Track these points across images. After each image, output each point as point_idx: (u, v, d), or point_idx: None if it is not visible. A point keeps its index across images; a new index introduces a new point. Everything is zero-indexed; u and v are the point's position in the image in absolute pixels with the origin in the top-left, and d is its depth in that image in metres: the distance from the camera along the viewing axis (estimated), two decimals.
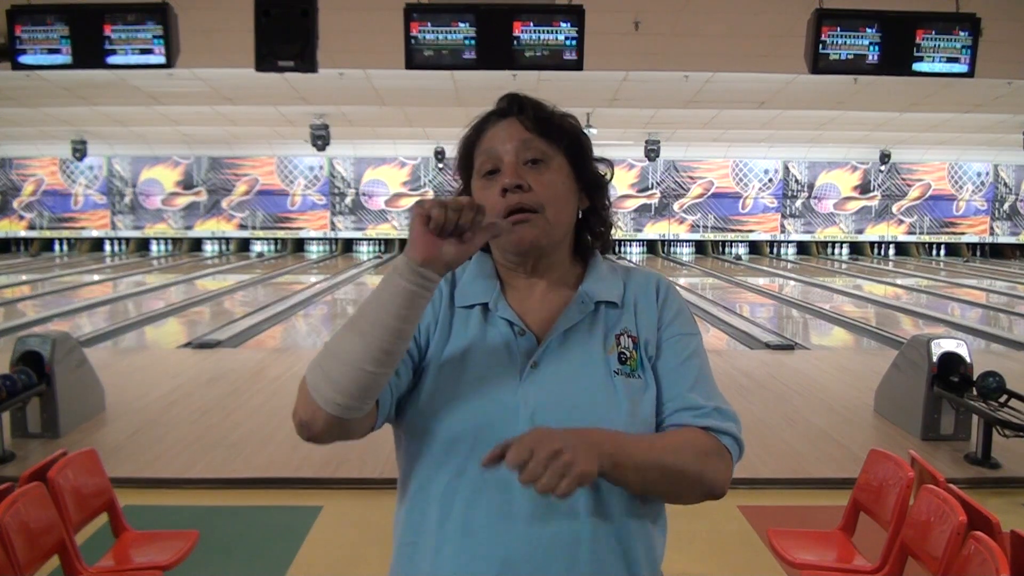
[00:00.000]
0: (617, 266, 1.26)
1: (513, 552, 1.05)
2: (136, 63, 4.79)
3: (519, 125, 1.17)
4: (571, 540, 1.06)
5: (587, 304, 1.17)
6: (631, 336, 1.16)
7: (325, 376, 1.02)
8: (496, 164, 1.16)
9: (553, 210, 1.15)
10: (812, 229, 20.36)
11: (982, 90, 9.52)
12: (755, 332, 8.57)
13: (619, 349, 1.14)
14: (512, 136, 1.16)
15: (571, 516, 1.07)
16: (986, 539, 1.88)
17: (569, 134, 1.20)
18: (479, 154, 1.19)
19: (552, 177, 1.16)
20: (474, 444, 1.07)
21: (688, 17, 6.17)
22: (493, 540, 1.06)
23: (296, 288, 13.10)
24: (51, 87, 9.97)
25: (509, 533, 1.06)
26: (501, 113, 1.20)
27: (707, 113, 12.44)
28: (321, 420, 1.03)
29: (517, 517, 1.06)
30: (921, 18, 4.91)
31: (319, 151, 13.92)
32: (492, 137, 1.18)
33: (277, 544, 3.37)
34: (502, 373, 1.11)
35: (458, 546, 1.08)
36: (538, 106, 1.19)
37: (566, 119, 1.21)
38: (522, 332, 1.15)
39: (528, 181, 1.13)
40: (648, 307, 1.19)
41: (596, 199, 1.25)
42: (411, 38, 4.80)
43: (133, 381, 5.92)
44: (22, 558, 2.07)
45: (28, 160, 19.31)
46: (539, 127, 1.17)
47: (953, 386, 4.47)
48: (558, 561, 1.06)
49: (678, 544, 3.26)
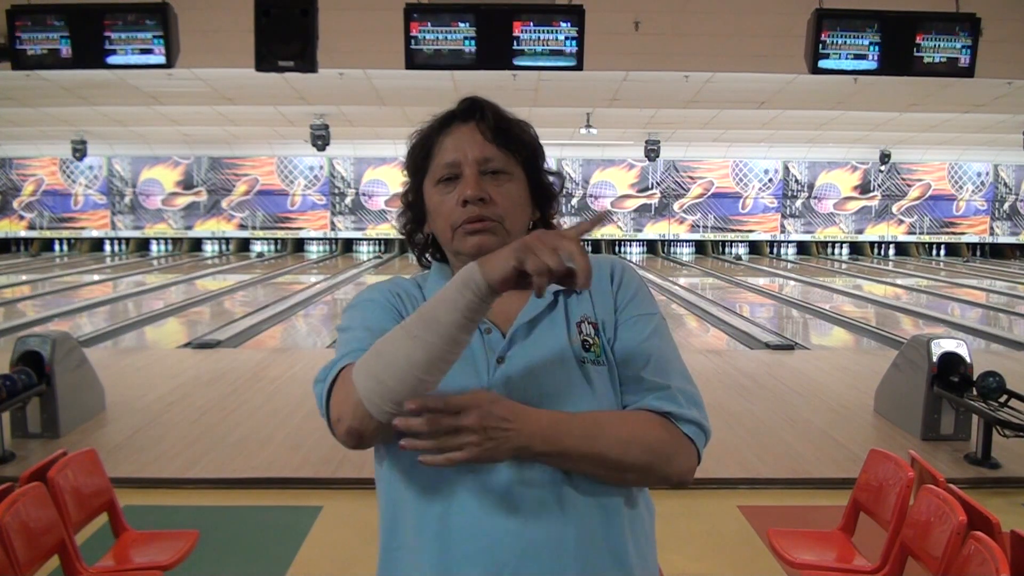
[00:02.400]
0: None
1: (499, 552, 1.04)
2: (136, 63, 4.79)
3: (479, 134, 1.17)
4: (557, 538, 1.05)
5: (544, 296, 1.17)
6: (591, 322, 1.16)
7: (380, 385, 1.00)
8: (455, 172, 1.15)
9: (510, 221, 1.16)
10: (812, 229, 20.36)
11: (982, 90, 9.52)
12: (755, 332, 8.56)
13: (582, 337, 1.14)
14: (474, 145, 1.16)
15: (556, 513, 1.06)
16: (986, 539, 1.88)
17: (528, 146, 1.20)
18: (437, 158, 1.18)
19: (511, 188, 1.16)
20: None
21: (688, 17, 6.17)
22: (477, 541, 1.05)
23: (296, 288, 13.10)
24: (51, 87, 9.97)
25: (493, 533, 1.05)
26: (461, 116, 1.19)
27: (707, 113, 12.45)
28: (372, 427, 1.03)
29: (500, 516, 1.05)
30: (921, 18, 4.91)
31: (319, 151, 13.93)
32: (453, 144, 1.17)
33: (277, 544, 3.38)
34: (471, 371, 1.11)
35: (442, 549, 1.06)
36: (498, 114, 1.19)
37: (525, 130, 1.21)
38: (488, 330, 1.15)
39: (488, 193, 1.14)
40: (603, 291, 1.19)
41: (546, 211, 1.25)
42: (411, 38, 4.80)
43: (133, 381, 5.92)
44: (22, 558, 2.07)
45: (28, 160, 19.32)
46: (499, 137, 1.17)
47: (953, 386, 4.47)
48: (545, 560, 1.05)
49: (678, 544, 3.28)
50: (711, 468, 4.04)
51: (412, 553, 1.10)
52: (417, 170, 1.22)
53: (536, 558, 1.04)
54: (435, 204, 1.18)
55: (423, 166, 1.21)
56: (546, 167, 1.24)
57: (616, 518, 1.10)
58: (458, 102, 1.21)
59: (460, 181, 1.15)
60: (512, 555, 1.04)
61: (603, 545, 1.08)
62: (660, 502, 1.23)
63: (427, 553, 1.08)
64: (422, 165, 1.21)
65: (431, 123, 1.22)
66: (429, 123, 1.22)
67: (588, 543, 1.07)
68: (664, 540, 1.21)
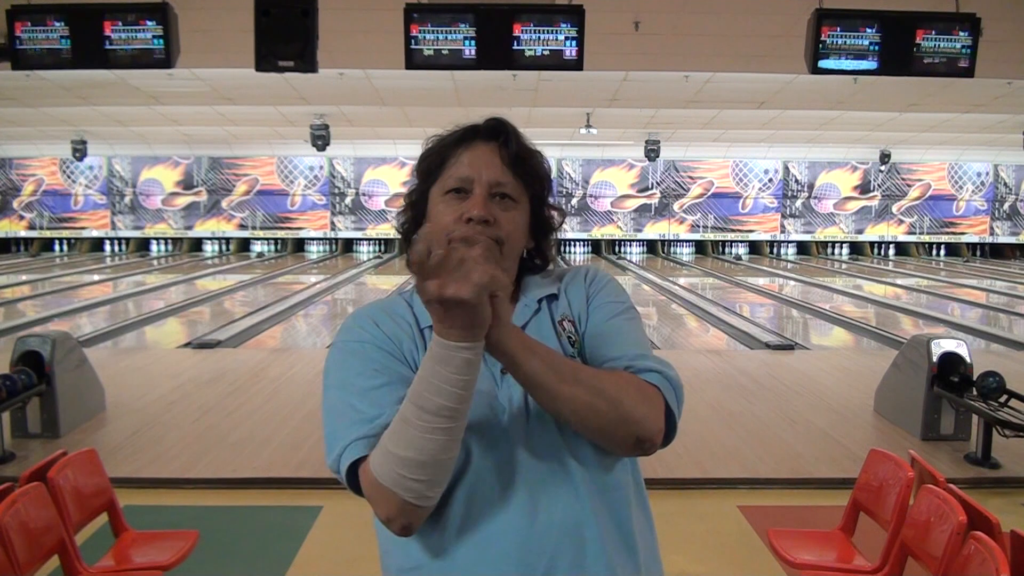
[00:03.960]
0: (548, 271, 1.29)
1: (525, 548, 1.05)
2: (136, 63, 4.79)
3: (498, 157, 1.17)
4: (575, 526, 1.07)
5: (531, 304, 1.21)
6: (570, 320, 1.20)
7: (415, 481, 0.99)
8: (466, 187, 1.15)
9: (509, 246, 1.16)
10: (812, 229, 20.36)
11: (982, 90, 9.52)
12: (755, 332, 8.56)
13: (566, 335, 1.18)
14: (490, 167, 1.16)
15: (572, 503, 1.07)
16: (986, 539, 1.88)
17: (541, 180, 1.22)
18: (451, 168, 1.18)
19: (515, 215, 1.17)
20: (468, 452, 1.08)
21: (688, 17, 6.18)
22: (503, 542, 1.06)
23: (296, 288, 13.10)
24: (51, 87, 9.97)
25: (514, 531, 1.06)
26: (484, 135, 1.19)
27: (707, 113, 12.45)
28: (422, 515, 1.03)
29: (517, 513, 1.06)
30: (921, 18, 4.91)
31: (319, 151, 13.92)
32: (470, 160, 1.17)
33: (277, 544, 3.38)
34: (480, 379, 1.09)
35: (471, 557, 1.06)
36: (521, 142, 1.20)
37: (541, 163, 1.23)
38: None
39: (494, 215, 1.14)
40: (577, 290, 1.24)
41: (542, 242, 1.27)
42: (411, 38, 4.80)
43: (133, 381, 5.92)
44: (22, 558, 2.07)
45: (28, 160, 19.32)
46: (516, 165, 1.18)
47: (953, 386, 4.47)
48: (568, 548, 1.06)
49: (678, 544, 3.28)
50: (711, 468, 4.03)
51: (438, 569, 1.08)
52: (428, 175, 1.21)
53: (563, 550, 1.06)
54: (438, 212, 1.17)
55: (435, 173, 1.20)
56: (550, 200, 1.26)
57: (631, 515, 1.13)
58: (484, 120, 1.21)
59: (468, 198, 1.15)
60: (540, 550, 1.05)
61: (617, 535, 1.10)
62: (660, 502, 1.24)
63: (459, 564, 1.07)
64: (434, 172, 1.20)
65: (452, 132, 1.21)
66: (450, 132, 1.22)
67: (606, 535, 1.09)
68: (664, 540, 1.21)
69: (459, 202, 1.15)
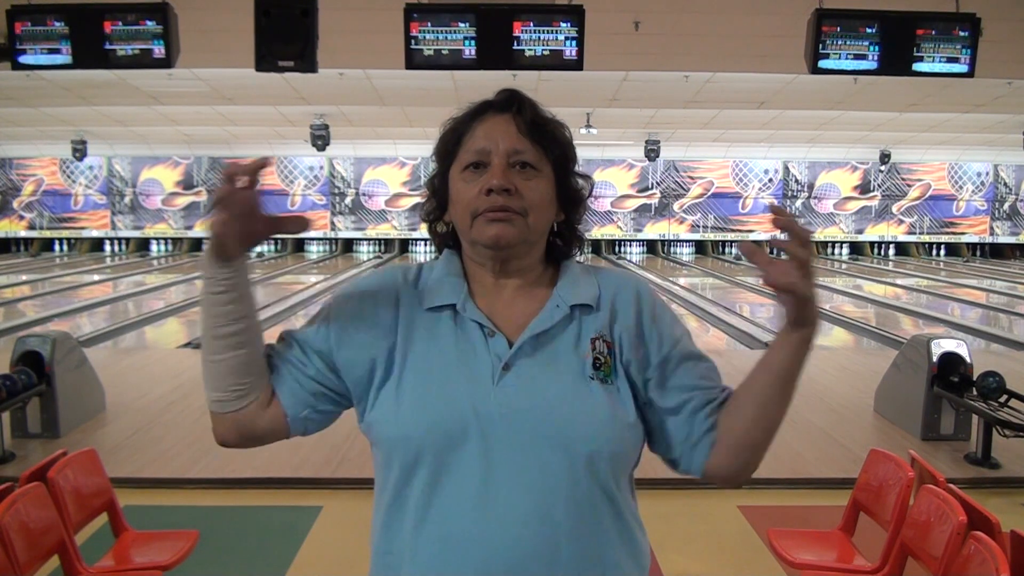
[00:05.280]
0: (590, 268, 1.23)
1: (492, 557, 1.03)
2: (136, 63, 4.79)
3: (513, 126, 1.14)
4: (551, 543, 1.04)
5: (562, 308, 1.13)
6: (606, 341, 1.12)
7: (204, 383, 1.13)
8: (483, 159, 1.12)
9: (534, 216, 1.12)
10: (812, 229, 20.29)
11: (982, 90, 9.52)
12: (755, 332, 8.57)
13: (594, 354, 1.10)
14: (507, 136, 1.13)
15: (549, 518, 1.04)
16: (986, 539, 1.88)
17: (561, 145, 1.18)
18: (467, 144, 1.15)
19: (538, 184, 1.13)
20: (447, 451, 1.05)
21: (688, 17, 6.18)
22: (471, 546, 1.03)
23: (296, 288, 13.10)
24: (51, 87, 9.98)
25: (487, 538, 1.03)
26: (498, 107, 1.17)
27: (707, 113, 12.45)
28: (214, 422, 1.15)
29: (494, 522, 1.03)
30: (921, 18, 4.91)
31: (319, 151, 13.93)
32: (485, 132, 1.14)
33: (277, 544, 3.38)
34: (474, 377, 1.08)
35: (435, 553, 1.05)
36: (536, 109, 1.17)
37: (560, 128, 1.19)
38: (492, 333, 1.11)
39: (515, 184, 1.11)
40: (626, 315, 1.15)
41: (571, 213, 1.22)
42: (411, 38, 4.80)
43: (133, 381, 5.92)
44: (22, 558, 2.07)
45: (28, 160, 19.31)
46: (534, 132, 1.14)
47: (953, 386, 4.47)
48: (538, 564, 1.03)
49: (678, 544, 3.28)
50: None
51: (407, 559, 1.08)
52: (446, 155, 1.18)
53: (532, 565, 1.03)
54: (458, 190, 1.14)
55: (452, 152, 1.17)
56: (576, 170, 1.21)
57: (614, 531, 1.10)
58: (496, 92, 1.19)
59: (487, 170, 1.11)
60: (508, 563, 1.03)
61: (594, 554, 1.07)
62: (660, 502, 1.23)
63: (422, 559, 1.06)
64: (452, 151, 1.17)
65: (465, 110, 1.19)
66: (463, 110, 1.19)
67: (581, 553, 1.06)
68: (664, 540, 1.21)
69: (478, 176, 1.12)
